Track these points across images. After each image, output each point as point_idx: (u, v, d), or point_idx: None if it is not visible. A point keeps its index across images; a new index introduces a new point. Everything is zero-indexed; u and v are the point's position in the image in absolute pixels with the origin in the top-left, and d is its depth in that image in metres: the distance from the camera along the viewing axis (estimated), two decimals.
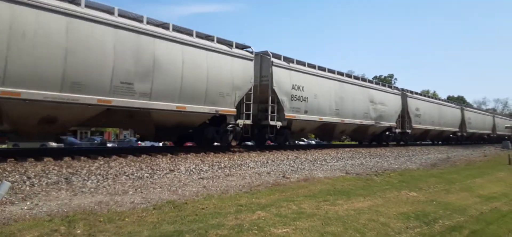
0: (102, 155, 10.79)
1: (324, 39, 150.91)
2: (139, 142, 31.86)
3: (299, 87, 17.49)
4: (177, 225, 5.79)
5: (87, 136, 42.15)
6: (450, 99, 68.84)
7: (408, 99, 28.34)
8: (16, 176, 7.83)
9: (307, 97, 17.89)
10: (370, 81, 24.73)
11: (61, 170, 8.65)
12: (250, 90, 15.03)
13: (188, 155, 12.52)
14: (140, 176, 9.28)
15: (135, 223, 5.72)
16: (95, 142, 36.69)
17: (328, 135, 21.81)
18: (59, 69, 9.28)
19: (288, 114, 16.81)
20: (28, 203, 6.47)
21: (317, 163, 14.44)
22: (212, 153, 13.51)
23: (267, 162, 13.08)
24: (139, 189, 8.05)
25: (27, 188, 7.39)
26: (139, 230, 5.44)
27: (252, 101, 15.28)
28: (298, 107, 17.43)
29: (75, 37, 9.51)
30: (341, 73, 21.08)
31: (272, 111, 16.13)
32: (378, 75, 71.41)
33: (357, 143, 27.64)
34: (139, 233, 5.32)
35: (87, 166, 9.29)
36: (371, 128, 23.62)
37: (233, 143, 15.98)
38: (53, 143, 22.03)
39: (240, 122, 14.94)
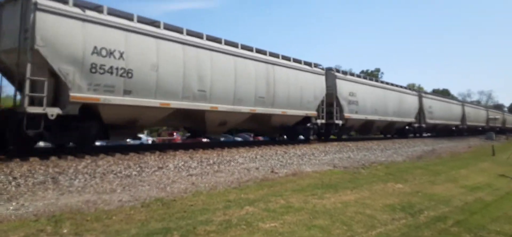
0: (89, 154, 10.69)
1: (309, 32, 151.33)
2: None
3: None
4: (165, 223, 5.80)
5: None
6: (435, 92, 69.73)
7: (337, 81, 21.75)
8: (1, 177, 7.72)
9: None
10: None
11: (48, 170, 8.55)
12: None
13: (177, 152, 12.49)
14: (128, 174, 9.24)
15: (123, 222, 5.71)
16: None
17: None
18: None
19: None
20: (13, 203, 6.40)
21: (305, 157, 14.55)
22: (201, 150, 13.50)
23: (256, 157, 13.13)
24: (127, 187, 8.02)
25: (13, 188, 7.30)
26: (127, 228, 5.44)
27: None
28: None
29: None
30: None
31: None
32: (365, 70, 71.91)
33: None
34: (126, 231, 5.32)
35: (74, 165, 9.19)
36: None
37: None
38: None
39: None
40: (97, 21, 10.51)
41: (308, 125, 19.15)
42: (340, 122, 21.31)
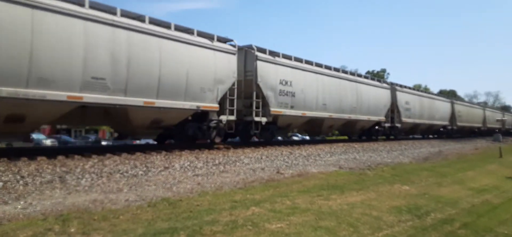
0: (96, 153, 10.76)
1: (315, 35, 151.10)
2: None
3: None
4: (171, 222, 5.82)
5: (82, 134, 41.78)
6: (442, 93, 69.38)
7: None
8: (10, 176, 7.79)
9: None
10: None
11: (55, 169, 8.62)
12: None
13: (183, 152, 12.53)
14: (135, 173, 9.28)
15: (130, 221, 5.74)
16: (90, 140, 36.34)
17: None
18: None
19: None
20: (21, 202, 6.46)
21: (311, 158, 14.53)
22: (207, 150, 13.52)
23: (262, 158, 13.13)
24: (133, 187, 8.06)
25: (21, 187, 7.36)
26: (134, 227, 5.47)
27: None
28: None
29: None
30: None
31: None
32: (371, 70, 71.65)
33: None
34: (133, 230, 5.34)
35: (81, 164, 9.26)
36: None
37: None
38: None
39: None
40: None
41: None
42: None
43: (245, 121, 15.94)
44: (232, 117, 14.85)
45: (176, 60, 12.31)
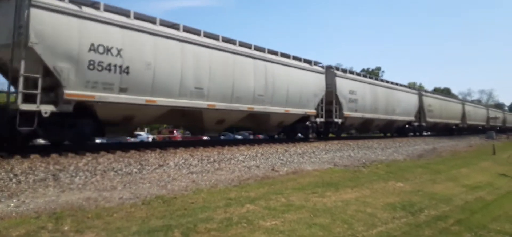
0: (90, 151, 10.70)
1: (310, 32, 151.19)
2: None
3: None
4: (166, 220, 5.81)
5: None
6: (436, 90, 69.61)
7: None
8: (2, 174, 7.73)
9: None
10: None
11: (48, 167, 8.56)
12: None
13: (177, 150, 12.50)
14: (129, 171, 9.24)
15: (124, 219, 5.71)
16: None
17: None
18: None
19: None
20: (14, 200, 6.40)
21: (306, 155, 14.54)
22: (202, 148, 13.50)
23: (257, 156, 13.13)
24: (127, 185, 8.02)
25: (14, 185, 7.30)
26: (128, 225, 5.44)
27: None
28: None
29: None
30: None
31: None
32: (365, 68, 71.84)
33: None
34: (127, 228, 5.32)
35: (75, 162, 9.20)
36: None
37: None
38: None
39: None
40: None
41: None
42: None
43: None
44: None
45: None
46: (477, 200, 10.40)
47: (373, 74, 54.83)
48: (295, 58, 18.25)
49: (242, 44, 15.29)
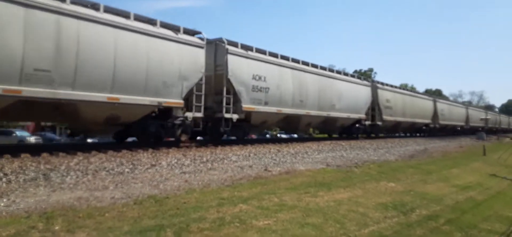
0: (82, 151, 10.61)
1: (303, 35, 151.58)
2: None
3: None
4: (158, 220, 5.78)
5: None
6: (427, 92, 70.30)
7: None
8: None
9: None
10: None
11: (39, 166, 8.48)
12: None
13: (170, 150, 12.44)
14: (121, 171, 9.18)
15: (115, 218, 5.68)
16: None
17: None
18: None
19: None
20: (4, 200, 6.33)
21: (299, 155, 14.58)
22: (195, 148, 13.45)
23: (249, 156, 13.13)
24: (119, 184, 7.97)
25: (4, 185, 7.22)
26: (119, 225, 5.41)
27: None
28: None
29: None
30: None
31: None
32: (358, 70, 72.20)
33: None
34: (119, 228, 5.29)
35: (66, 161, 9.12)
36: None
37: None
38: None
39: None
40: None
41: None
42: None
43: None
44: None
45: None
46: (467, 200, 10.51)
47: (365, 75, 55.03)
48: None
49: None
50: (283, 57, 18.22)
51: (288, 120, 19.00)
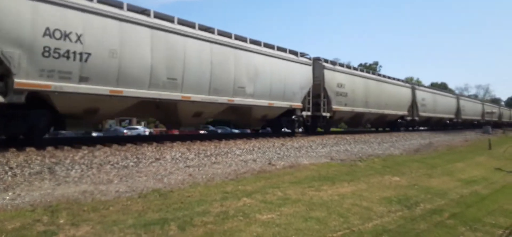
0: (86, 144, 10.66)
1: (309, 26, 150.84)
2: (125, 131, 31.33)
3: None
4: (162, 213, 5.80)
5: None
6: (433, 85, 69.74)
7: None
8: None
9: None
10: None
11: (44, 160, 8.53)
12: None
13: (174, 144, 12.47)
14: (125, 165, 9.22)
15: (120, 212, 5.71)
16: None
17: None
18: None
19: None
20: (10, 193, 6.38)
21: (303, 150, 14.56)
22: (199, 142, 13.48)
23: (253, 150, 13.13)
24: (124, 178, 8.01)
25: (9, 178, 7.27)
26: (124, 218, 5.44)
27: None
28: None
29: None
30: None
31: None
32: (363, 63, 71.90)
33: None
34: (123, 221, 5.32)
35: (71, 155, 9.17)
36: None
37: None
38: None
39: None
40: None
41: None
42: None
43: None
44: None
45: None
46: (472, 194, 10.45)
47: (370, 68, 54.78)
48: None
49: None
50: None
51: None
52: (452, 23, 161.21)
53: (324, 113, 20.24)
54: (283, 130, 19.01)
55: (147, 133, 29.65)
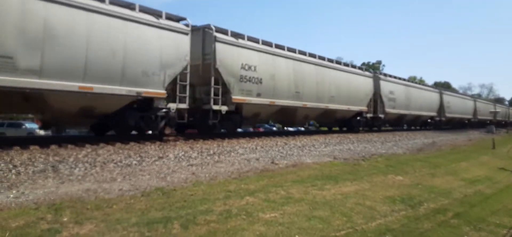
0: (90, 143, 10.69)
1: (310, 25, 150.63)
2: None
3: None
4: (165, 212, 5.81)
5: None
6: (437, 85, 69.62)
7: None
8: (2, 165, 7.73)
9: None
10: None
11: (48, 158, 8.56)
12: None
13: (177, 142, 12.49)
14: (129, 163, 9.24)
15: (123, 210, 5.72)
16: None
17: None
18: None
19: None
20: (14, 191, 6.40)
21: (306, 148, 14.55)
22: (201, 140, 13.49)
23: (256, 148, 13.13)
24: (127, 176, 8.02)
25: (13, 176, 7.30)
26: (127, 217, 5.45)
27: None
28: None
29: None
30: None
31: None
32: (366, 62, 71.70)
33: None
34: (127, 220, 5.32)
35: (75, 153, 9.20)
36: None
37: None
38: None
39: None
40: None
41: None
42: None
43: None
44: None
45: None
46: (476, 193, 10.40)
47: (373, 68, 54.60)
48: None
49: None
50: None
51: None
52: (455, 23, 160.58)
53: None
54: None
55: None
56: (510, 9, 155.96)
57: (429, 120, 35.12)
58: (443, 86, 62.47)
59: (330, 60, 21.33)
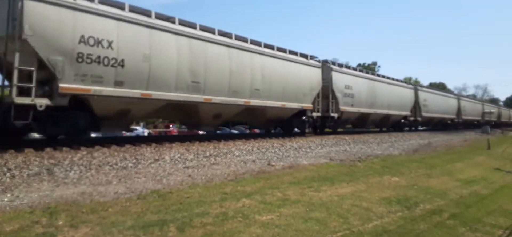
0: (85, 145, 10.63)
1: (307, 25, 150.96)
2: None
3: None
4: (161, 215, 5.78)
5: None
6: (432, 85, 69.79)
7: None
8: None
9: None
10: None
11: (43, 161, 8.49)
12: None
13: (173, 145, 12.44)
14: (124, 166, 9.19)
15: (119, 213, 5.69)
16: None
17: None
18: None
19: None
20: (8, 195, 6.35)
21: (302, 150, 14.55)
22: (198, 142, 13.45)
23: (253, 150, 13.11)
24: (123, 179, 7.99)
25: (8, 179, 7.24)
26: (123, 220, 5.42)
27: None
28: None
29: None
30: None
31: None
32: (361, 63, 71.93)
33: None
34: (122, 223, 5.29)
35: (70, 156, 9.13)
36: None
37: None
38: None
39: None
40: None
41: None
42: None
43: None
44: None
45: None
46: (472, 194, 10.44)
47: (369, 69, 54.71)
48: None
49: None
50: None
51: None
52: (449, 23, 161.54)
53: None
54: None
55: (146, 134, 29.48)
56: (505, 11, 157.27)
57: (402, 120, 30.58)
58: (437, 87, 62.63)
59: (256, 43, 16.28)
